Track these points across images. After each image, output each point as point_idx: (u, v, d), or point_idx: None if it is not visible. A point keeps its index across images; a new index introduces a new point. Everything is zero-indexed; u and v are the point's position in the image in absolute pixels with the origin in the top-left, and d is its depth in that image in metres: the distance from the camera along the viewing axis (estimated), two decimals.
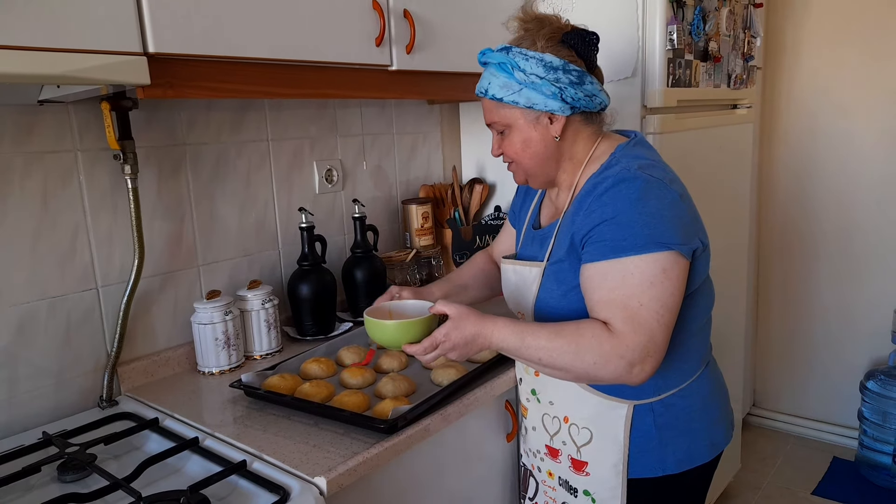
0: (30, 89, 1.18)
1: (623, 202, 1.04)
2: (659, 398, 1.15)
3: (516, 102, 1.12)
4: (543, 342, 1.05)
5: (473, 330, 1.08)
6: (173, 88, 1.11)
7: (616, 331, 1.01)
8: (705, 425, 1.19)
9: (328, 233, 1.81)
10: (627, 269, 1.02)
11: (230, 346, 1.48)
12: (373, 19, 1.42)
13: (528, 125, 1.15)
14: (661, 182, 1.07)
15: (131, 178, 1.33)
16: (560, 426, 1.23)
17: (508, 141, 1.17)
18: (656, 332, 1.01)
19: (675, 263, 1.03)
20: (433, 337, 1.09)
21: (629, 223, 1.03)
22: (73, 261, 1.34)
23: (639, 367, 1.01)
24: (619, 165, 1.10)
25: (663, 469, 1.16)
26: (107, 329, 1.40)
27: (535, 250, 1.24)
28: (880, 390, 2.52)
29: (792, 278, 2.93)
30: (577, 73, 1.12)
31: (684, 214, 1.07)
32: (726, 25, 2.11)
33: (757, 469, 2.75)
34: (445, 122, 2.23)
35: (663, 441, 1.15)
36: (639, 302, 1.01)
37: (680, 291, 1.04)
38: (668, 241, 1.02)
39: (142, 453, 1.18)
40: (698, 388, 1.18)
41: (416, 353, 1.10)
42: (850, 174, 2.70)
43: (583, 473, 1.21)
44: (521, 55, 1.12)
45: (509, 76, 1.12)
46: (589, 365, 1.02)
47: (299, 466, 1.06)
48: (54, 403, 1.32)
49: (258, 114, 1.67)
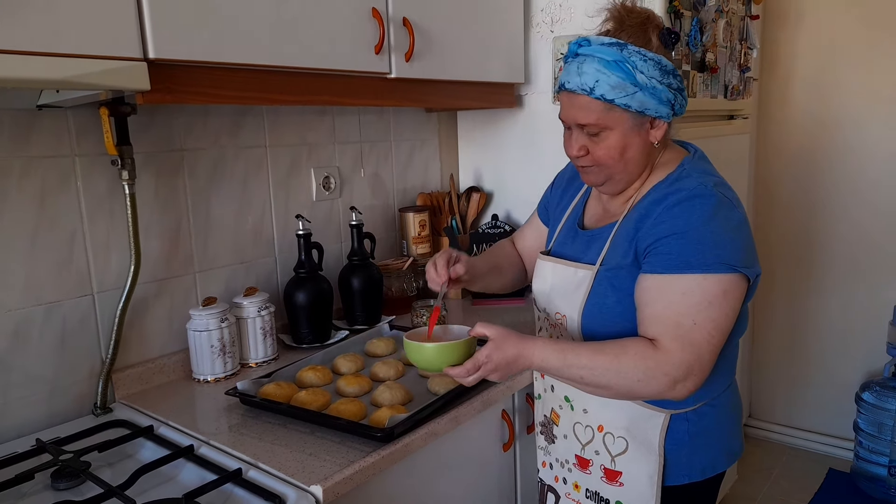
0: (29, 94, 1.18)
1: (696, 218, 1.02)
2: (694, 407, 1.14)
3: (629, 106, 1.04)
4: (585, 360, 1.03)
5: (515, 351, 1.06)
6: (173, 94, 1.11)
7: (663, 347, 1.00)
8: (728, 435, 1.20)
9: (325, 240, 1.81)
10: (689, 286, 1.00)
11: (226, 354, 1.47)
12: (372, 27, 1.42)
13: (632, 130, 1.07)
14: (731, 203, 1.05)
15: (129, 184, 1.33)
16: (594, 435, 1.19)
17: (604, 144, 1.08)
18: (704, 352, 1.00)
19: (736, 286, 1.02)
20: (475, 359, 1.06)
21: (699, 240, 1.01)
22: (69, 266, 1.33)
23: (682, 384, 1.00)
24: (691, 178, 1.07)
25: (689, 477, 1.15)
26: (102, 335, 1.39)
27: (579, 251, 1.20)
28: (876, 401, 2.52)
29: (788, 290, 2.93)
30: (681, 79, 1.09)
31: (749, 238, 1.06)
32: (723, 37, 2.13)
33: (753, 480, 2.74)
34: (443, 130, 2.24)
35: (694, 449, 1.15)
36: (693, 321, 1.00)
37: (735, 314, 1.03)
38: (735, 262, 1.01)
39: (136, 461, 1.17)
40: (727, 399, 1.19)
41: (459, 375, 1.07)
42: (844, 186, 2.71)
43: (616, 483, 1.18)
44: (640, 55, 1.03)
45: (626, 77, 1.03)
46: (633, 382, 1.01)
47: (295, 475, 1.05)
48: (48, 410, 1.31)
49: (256, 120, 1.67)
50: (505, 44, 1.86)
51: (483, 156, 2.22)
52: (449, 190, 2.16)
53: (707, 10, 1.98)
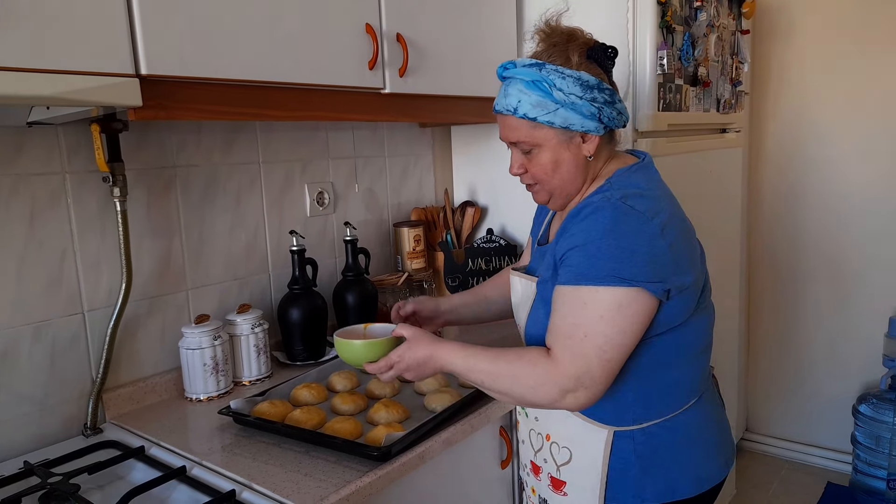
0: (19, 111, 1.17)
1: (595, 231, 1.02)
2: (640, 426, 1.10)
3: (552, 123, 1.07)
4: (484, 365, 1.06)
5: (426, 352, 1.10)
6: (165, 110, 1.10)
7: (555, 357, 1.01)
8: (691, 459, 1.14)
9: (319, 256, 1.80)
10: (582, 298, 1.01)
11: (219, 372, 1.45)
12: (366, 43, 1.42)
13: (561, 145, 1.10)
14: (641, 215, 1.02)
15: (120, 201, 1.31)
16: (543, 443, 1.21)
17: (536, 161, 1.12)
18: (594, 365, 0.99)
19: (634, 300, 1.00)
20: (388, 357, 1.12)
21: (594, 253, 1.01)
22: (59, 285, 1.31)
23: (572, 395, 1.00)
24: (601, 192, 1.08)
25: (642, 499, 1.11)
26: (92, 355, 1.37)
27: (538, 266, 1.23)
28: (873, 414, 2.52)
29: (783, 302, 2.94)
30: (610, 92, 1.10)
31: (661, 252, 1.02)
32: (715, 51, 2.14)
33: (752, 495, 2.72)
34: (437, 145, 2.23)
35: (644, 470, 1.11)
36: (584, 333, 1.00)
37: (634, 329, 1.01)
38: (632, 277, 0.99)
39: (127, 483, 1.15)
40: (685, 421, 1.13)
41: (376, 370, 1.13)
42: (837, 198, 2.73)
43: (561, 493, 1.18)
44: (557, 73, 1.06)
45: (545, 95, 1.06)
46: (526, 388, 1.03)
47: (290, 496, 1.03)
48: (37, 432, 1.29)
49: (249, 136, 1.66)
50: (498, 58, 1.85)
51: (477, 170, 2.22)
52: (443, 204, 2.16)
53: (698, 24, 1.99)
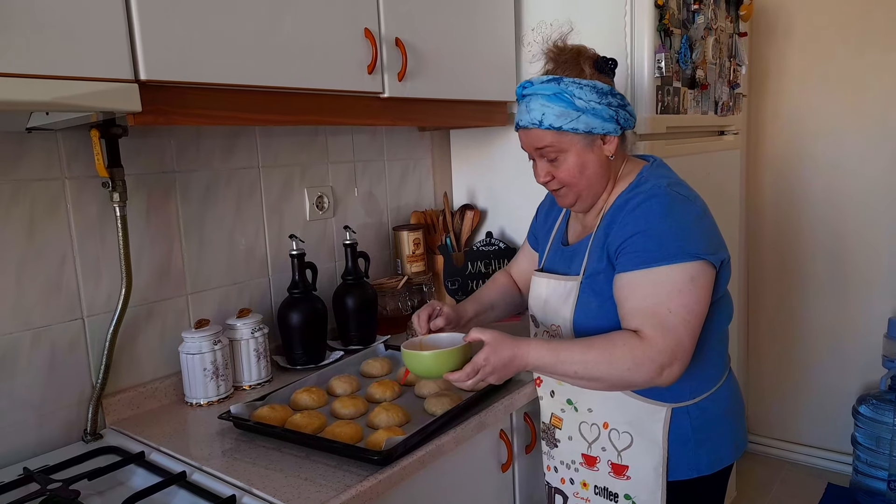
0: (18, 116, 1.17)
1: (654, 216, 1.12)
2: (694, 401, 1.20)
3: (576, 129, 1.17)
4: (577, 356, 1.10)
5: (510, 352, 1.12)
6: (164, 116, 1.11)
7: (646, 336, 1.07)
8: (731, 428, 1.26)
9: (319, 260, 1.80)
10: (658, 278, 1.09)
11: (219, 377, 1.44)
12: (365, 47, 1.42)
13: (585, 149, 1.20)
14: (686, 199, 1.16)
15: (120, 206, 1.31)
16: (599, 432, 1.26)
17: (563, 166, 1.22)
18: (683, 336, 1.08)
19: (702, 272, 1.10)
20: (474, 362, 1.12)
21: (660, 235, 1.11)
22: (58, 290, 1.31)
23: (668, 369, 1.07)
24: (649, 183, 1.19)
25: (697, 470, 1.21)
26: (92, 360, 1.36)
27: (564, 266, 1.30)
28: (873, 415, 2.52)
29: (782, 303, 2.94)
30: (621, 97, 1.22)
31: (709, 228, 1.16)
32: (712, 54, 2.14)
33: (752, 496, 2.72)
34: (436, 149, 2.24)
35: (698, 443, 1.20)
36: (668, 308, 1.08)
37: (706, 299, 1.11)
38: (696, 251, 1.10)
39: (127, 489, 1.15)
40: (725, 393, 1.26)
41: (458, 379, 1.13)
42: (836, 199, 2.73)
43: (623, 477, 1.24)
44: (575, 84, 1.17)
45: (567, 105, 1.16)
46: (623, 371, 1.07)
47: (291, 501, 1.03)
48: (36, 438, 1.29)
49: (249, 140, 1.66)
50: (496, 62, 1.87)
51: (476, 173, 2.22)
52: (443, 208, 2.16)
53: (696, 27, 1.99)
